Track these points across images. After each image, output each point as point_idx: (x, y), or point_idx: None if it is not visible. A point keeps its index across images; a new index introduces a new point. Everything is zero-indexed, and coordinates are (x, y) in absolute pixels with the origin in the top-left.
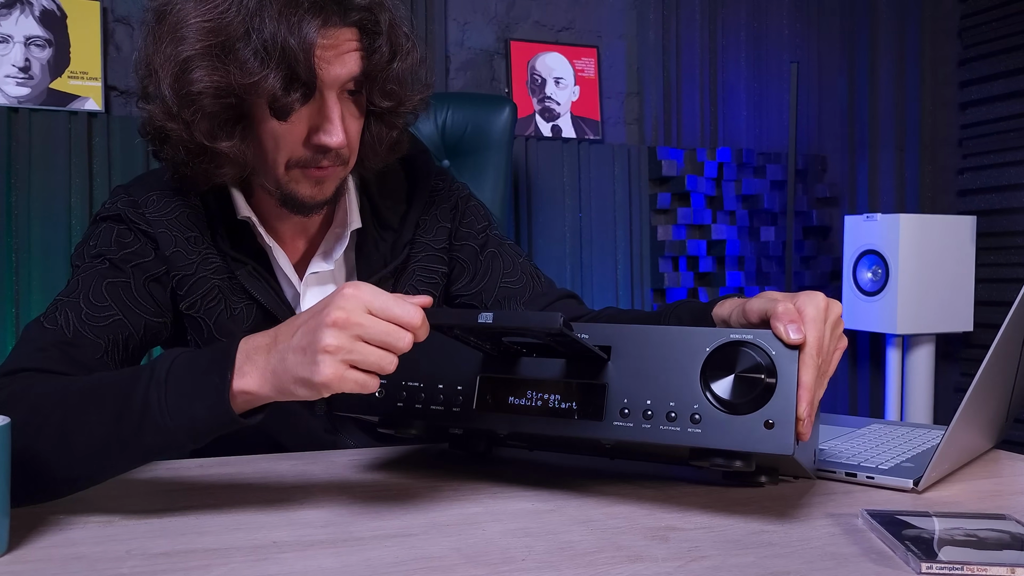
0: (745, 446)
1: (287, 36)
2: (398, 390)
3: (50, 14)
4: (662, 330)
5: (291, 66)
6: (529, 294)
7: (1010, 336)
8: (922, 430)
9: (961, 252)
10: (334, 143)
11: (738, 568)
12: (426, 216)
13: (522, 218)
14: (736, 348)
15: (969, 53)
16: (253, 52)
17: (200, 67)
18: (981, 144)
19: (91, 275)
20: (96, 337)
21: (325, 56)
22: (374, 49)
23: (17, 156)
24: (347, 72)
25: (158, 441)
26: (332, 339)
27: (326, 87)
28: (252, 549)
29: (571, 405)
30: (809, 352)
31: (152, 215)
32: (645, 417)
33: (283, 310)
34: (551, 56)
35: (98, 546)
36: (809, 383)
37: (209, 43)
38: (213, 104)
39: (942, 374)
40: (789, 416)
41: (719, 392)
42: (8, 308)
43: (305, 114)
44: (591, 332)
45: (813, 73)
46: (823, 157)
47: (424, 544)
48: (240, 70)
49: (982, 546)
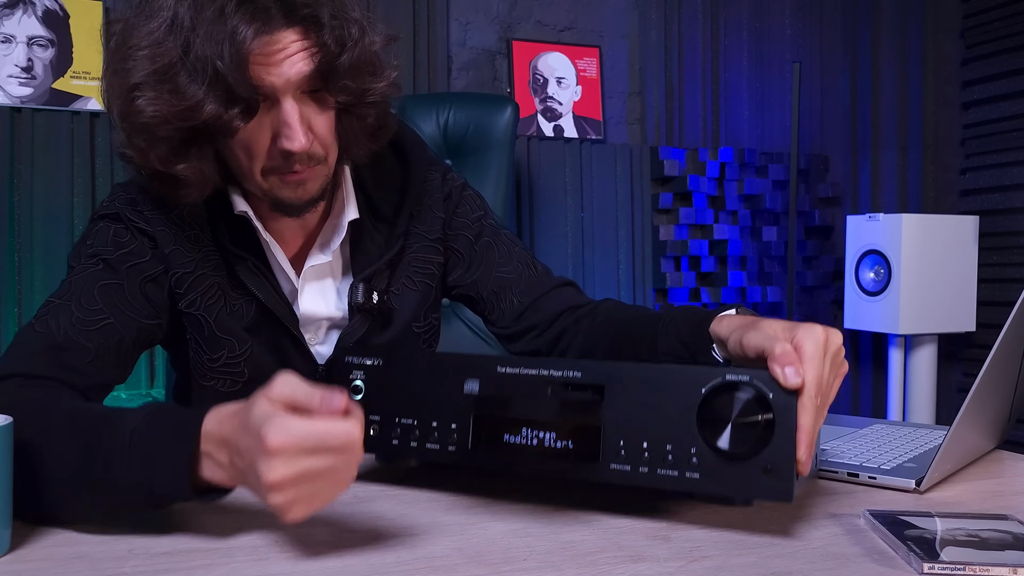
0: (744, 493)
1: (216, 55)
2: (391, 428)
3: (52, 14)
4: (656, 369)
5: (226, 86)
6: (524, 284)
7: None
8: (924, 430)
9: (963, 252)
10: (295, 148)
11: (740, 568)
12: (420, 207)
13: (524, 218)
14: (733, 389)
15: (972, 53)
16: (188, 75)
17: (143, 96)
18: (984, 144)
19: (84, 277)
20: (86, 342)
21: (269, 62)
22: (320, 45)
23: (20, 156)
24: (296, 73)
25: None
26: (279, 497)
27: (280, 92)
28: (254, 548)
29: (567, 444)
30: (808, 394)
31: (151, 213)
32: (642, 460)
33: (281, 307)
34: (553, 56)
35: (100, 545)
36: (808, 426)
37: (149, 70)
38: (163, 131)
39: (944, 374)
40: (789, 461)
41: (716, 436)
42: (11, 308)
43: (267, 122)
44: (583, 370)
45: (815, 73)
46: (825, 157)
47: (426, 543)
48: (178, 96)
49: (984, 546)
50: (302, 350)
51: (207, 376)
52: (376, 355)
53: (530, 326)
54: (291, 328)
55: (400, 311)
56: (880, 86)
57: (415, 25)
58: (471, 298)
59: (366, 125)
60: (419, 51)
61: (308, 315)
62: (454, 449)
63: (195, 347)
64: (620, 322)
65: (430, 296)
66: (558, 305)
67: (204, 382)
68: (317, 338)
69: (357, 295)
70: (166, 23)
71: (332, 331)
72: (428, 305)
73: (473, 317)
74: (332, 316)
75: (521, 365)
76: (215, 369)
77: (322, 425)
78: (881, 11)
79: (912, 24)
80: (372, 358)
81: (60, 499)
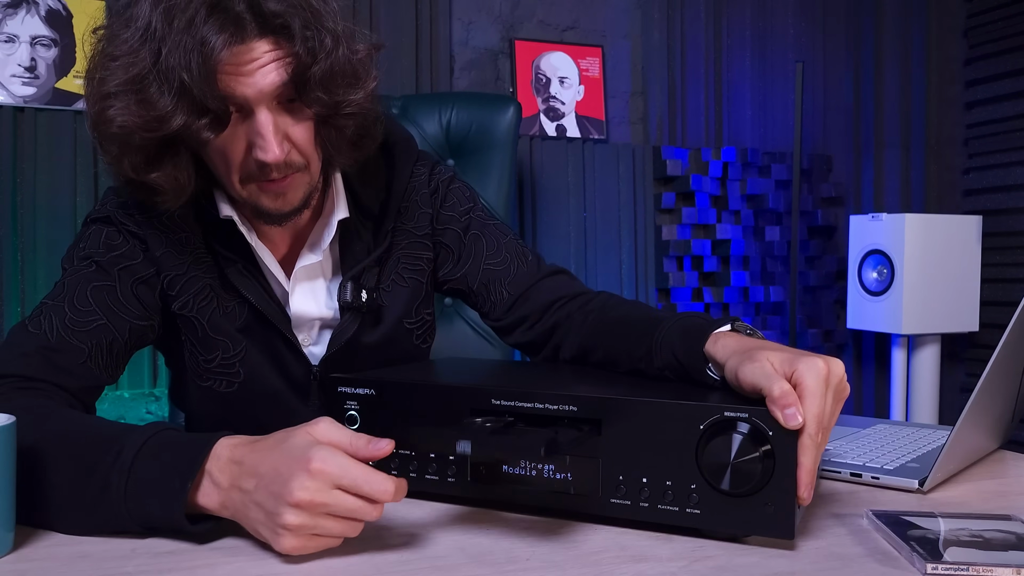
0: (745, 529)
1: (184, 66)
2: (389, 458)
3: (56, 14)
4: (653, 404)
5: (193, 97)
6: (513, 274)
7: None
8: (927, 430)
9: (967, 252)
10: (269, 159)
11: (742, 568)
12: (407, 203)
13: (526, 218)
14: (731, 425)
15: (975, 52)
16: (157, 86)
17: (114, 106)
18: (987, 144)
19: (77, 279)
20: (79, 343)
21: (241, 72)
22: (291, 55)
23: (23, 155)
24: (269, 84)
25: (110, 521)
26: (294, 518)
27: (253, 103)
28: (257, 547)
29: (566, 476)
30: (808, 432)
31: (141, 216)
32: (642, 496)
33: (272, 309)
34: (556, 56)
35: (103, 544)
36: (809, 466)
37: (122, 79)
38: (134, 140)
39: (947, 374)
40: (789, 498)
41: (716, 474)
42: (14, 307)
43: (241, 132)
44: (579, 404)
45: (818, 72)
46: (828, 157)
47: (428, 543)
48: (148, 106)
49: (987, 547)
50: (295, 351)
51: (204, 377)
52: (368, 384)
53: (522, 317)
54: (283, 330)
55: (390, 308)
56: (883, 86)
57: (417, 25)
58: (462, 291)
59: (345, 136)
60: (421, 51)
61: (300, 315)
62: (453, 480)
63: (190, 348)
64: (613, 325)
65: (421, 292)
66: (549, 295)
67: (201, 383)
68: (310, 339)
69: (346, 294)
70: (140, 32)
71: (325, 331)
72: (419, 301)
73: (475, 315)
74: (324, 316)
75: (516, 398)
76: (210, 370)
77: (365, 470)
78: (884, 11)
79: (915, 24)
80: (365, 387)
81: (57, 511)
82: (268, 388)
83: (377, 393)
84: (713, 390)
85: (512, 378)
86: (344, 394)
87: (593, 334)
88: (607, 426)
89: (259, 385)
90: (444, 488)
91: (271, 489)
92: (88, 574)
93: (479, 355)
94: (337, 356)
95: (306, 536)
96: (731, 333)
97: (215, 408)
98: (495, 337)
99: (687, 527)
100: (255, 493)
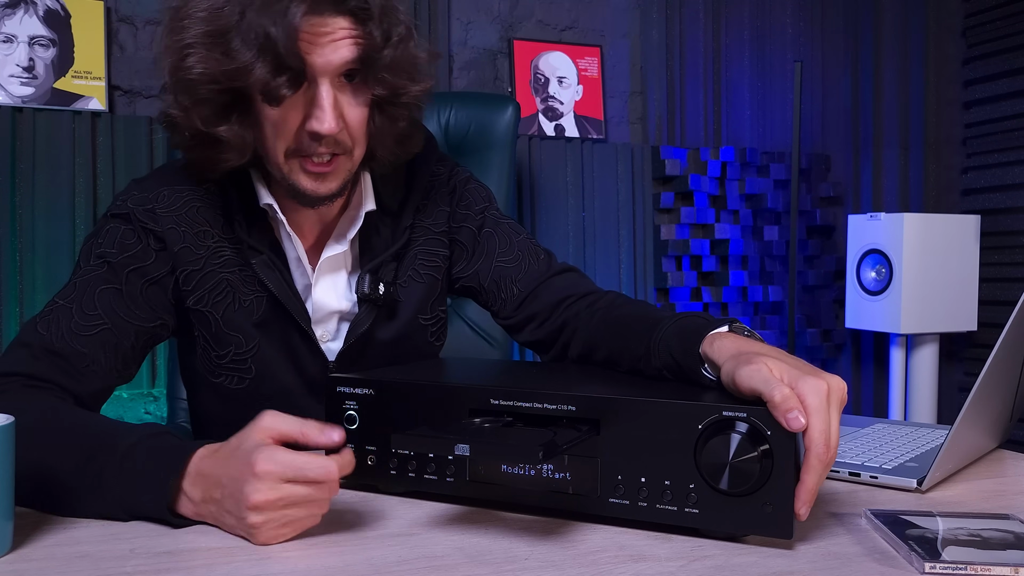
0: (744, 529)
1: (270, 24)
2: (388, 458)
3: (54, 14)
4: (651, 404)
5: (276, 53)
6: (523, 273)
7: (1014, 335)
8: (926, 430)
9: (965, 251)
10: (324, 129)
11: (741, 568)
12: (426, 200)
13: (526, 217)
14: (729, 425)
15: (973, 52)
16: (242, 40)
17: (195, 54)
18: (985, 143)
19: (88, 280)
20: (83, 348)
21: (315, 43)
22: (366, 35)
23: (21, 156)
24: (339, 59)
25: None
26: (258, 518)
27: (319, 74)
28: (255, 548)
29: (565, 475)
30: (815, 452)
31: (162, 211)
32: (640, 496)
33: (293, 302)
34: (554, 55)
35: (102, 545)
36: (811, 486)
37: (204, 30)
38: (208, 90)
39: (946, 373)
40: (788, 498)
41: (715, 474)
42: (12, 307)
43: (300, 102)
44: (577, 404)
45: (817, 72)
46: (827, 156)
47: (427, 543)
48: (229, 57)
49: (986, 546)
50: (312, 347)
51: (216, 373)
52: (367, 384)
53: (531, 315)
54: (302, 323)
55: (406, 303)
56: (882, 85)
57: (416, 24)
58: (473, 289)
59: (396, 128)
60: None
61: (321, 306)
62: (452, 480)
63: (203, 344)
64: (616, 325)
65: (436, 289)
66: (558, 293)
67: (213, 379)
68: (328, 334)
69: (364, 285)
70: None
71: (343, 325)
72: (434, 298)
73: (475, 315)
74: (342, 308)
75: (515, 398)
76: (222, 366)
77: (304, 458)
78: (883, 10)
79: (914, 23)
80: (364, 388)
81: (64, 494)
82: (280, 385)
83: (376, 393)
84: (711, 390)
85: (511, 378)
86: (343, 394)
87: (597, 333)
88: (606, 426)
89: (270, 382)
90: (443, 488)
91: (233, 497)
92: (87, 574)
93: (479, 355)
94: (353, 350)
95: (276, 527)
96: (728, 334)
97: (224, 406)
98: (495, 337)
99: (686, 527)
100: (224, 502)
